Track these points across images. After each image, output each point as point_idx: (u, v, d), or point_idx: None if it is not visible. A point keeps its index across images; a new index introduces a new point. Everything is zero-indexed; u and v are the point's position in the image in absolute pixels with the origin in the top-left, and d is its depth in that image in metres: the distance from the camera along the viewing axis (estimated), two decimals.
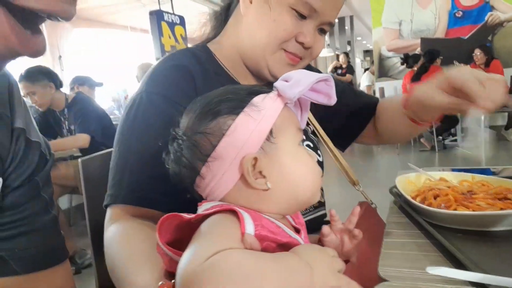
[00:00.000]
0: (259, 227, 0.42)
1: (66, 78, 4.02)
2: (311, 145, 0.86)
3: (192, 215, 0.44)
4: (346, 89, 1.01)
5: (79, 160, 0.88)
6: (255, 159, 0.46)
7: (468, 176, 0.80)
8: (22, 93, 2.56)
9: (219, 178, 0.47)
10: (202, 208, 0.47)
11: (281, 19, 0.73)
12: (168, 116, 0.62)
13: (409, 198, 0.68)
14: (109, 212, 0.67)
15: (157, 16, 4.64)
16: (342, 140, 1.04)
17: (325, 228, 0.55)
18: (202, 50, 0.82)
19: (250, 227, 0.41)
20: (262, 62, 0.77)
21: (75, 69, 4.70)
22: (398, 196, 0.76)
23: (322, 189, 0.93)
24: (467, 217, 0.58)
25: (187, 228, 0.44)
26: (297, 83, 0.48)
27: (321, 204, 0.91)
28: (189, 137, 0.48)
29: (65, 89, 2.98)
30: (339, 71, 7.57)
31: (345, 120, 1.00)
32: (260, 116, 0.47)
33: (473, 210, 0.61)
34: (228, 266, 0.35)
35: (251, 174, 0.46)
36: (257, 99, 0.48)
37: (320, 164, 0.86)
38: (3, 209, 0.51)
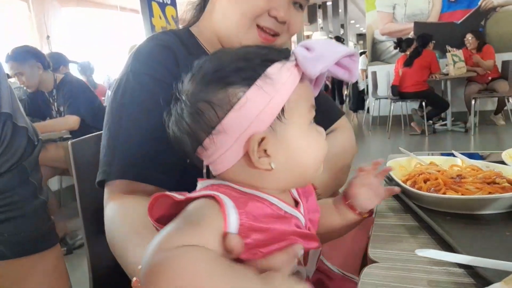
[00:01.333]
0: (244, 216, 0.40)
1: None
2: None
3: (182, 197, 0.42)
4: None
5: (69, 142, 0.87)
6: (263, 138, 0.43)
7: (457, 160, 0.81)
8: (10, 74, 2.52)
9: (221, 153, 0.45)
10: (199, 186, 0.46)
11: None
12: (156, 95, 0.65)
13: (399, 181, 0.69)
14: (106, 190, 0.66)
15: None
16: None
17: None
18: (185, 32, 0.82)
19: (234, 221, 0.39)
20: (236, 41, 0.76)
21: (64, 50, 4.59)
22: (389, 180, 0.77)
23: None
24: (456, 201, 0.59)
25: (180, 206, 0.42)
26: (321, 57, 0.44)
27: None
28: (193, 103, 0.45)
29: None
30: None
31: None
32: (274, 91, 0.43)
33: (462, 194, 0.62)
34: (185, 265, 0.33)
35: (256, 153, 0.43)
36: (272, 70, 0.44)
37: None
38: None
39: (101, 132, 0.79)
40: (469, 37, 5.16)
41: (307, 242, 0.48)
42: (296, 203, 0.51)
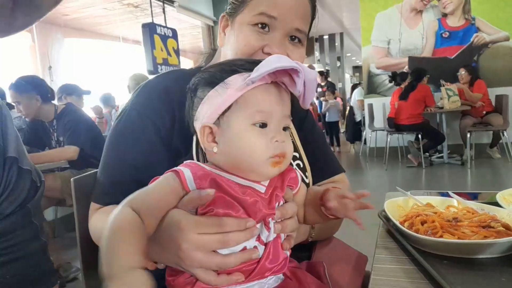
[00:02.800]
0: (198, 180, 0.56)
1: (56, 89, 3.99)
2: (301, 165, 0.87)
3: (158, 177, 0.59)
4: (322, 145, 0.99)
5: (72, 179, 0.88)
6: (209, 127, 0.58)
7: (454, 201, 0.83)
8: (10, 101, 2.54)
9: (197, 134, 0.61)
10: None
11: (242, 36, 0.76)
12: (140, 131, 0.75)
13: (397, 223, 0.70)
14: (90, 207, 0.78)
15: (149, 29, 4.67)
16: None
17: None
18: (195, 72, 0.85)
19: (188, 174, 0.56)
20: None
21: (66, 80, 4.67)
22: (386, 220, 0.78)
23: None
24: (453, 245, 0.60)
25: None
26: (261, 66, 0.54)
27: None
28: (190, 96, 0.63)
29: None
30: (319, 89, 7.74)
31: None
32: (225, 94, 0.57)
33: (459, 238, 0.63)
34: (114, 219, 0.52)
35: (206, 138, 0.59)
36: (231, 78, 0.58)
37: (308, 185, 0.86)
38: None
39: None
40: (462, 71, 5.29)
41: (265, 207, 0.58)
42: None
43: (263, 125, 0.57)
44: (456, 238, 0.63)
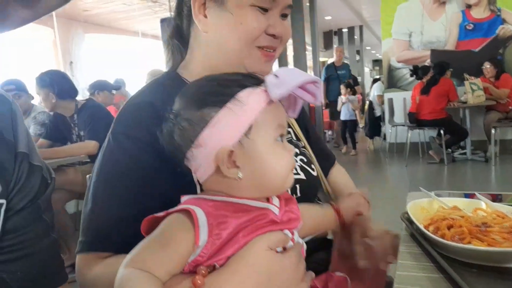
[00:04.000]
0: (213, 227, 0.48)
1: (77, 84, 4.08)
2: (305, 160, 0.86)
3: (162, 213, 0.51)
4: (319, 139, 1.05)
5: (87, 176, 0.88)
6: (231, 151, 0.50)
7: (481, 203, 0.79)
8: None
9: (200, 163, 0.52)
10: (182, 201, 0.53)
11: (247, 20, 0.72)
12: (133, 154, 0.66)
13: (421, 227, 0.67)
14: (78, 258, 0.66)
15: (168, 23, 4.67)
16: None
17: None
18: (171, 78, 0.80)
19: (204, 233, 0.47)
20: (240, 67, 0.75)
21: (87, 75, 4.75)
22: (409, 223, 0.75)
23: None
24: (483, 253, 0.57)
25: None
26: (283, 83, 0.50)
27: None
28: (178, 121, 0.53)
29: (81, 95, 3.01)
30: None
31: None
32: (242, 112, 0.50)
33: (488, 244, 0.59)
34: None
35: (225, 164, 0.51)
36: (242, 94, 0.51)
37: (314, 178, 0.86)
38: (5, 232, 0.52)
39: None
40: (487, 65, 5.12)
41: (283, 226, 0.55)
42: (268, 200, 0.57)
43: (281, 139, 0.55)
44: (486, 245, 0.60)
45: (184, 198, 0.54)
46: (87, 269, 0.64)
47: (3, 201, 0.51)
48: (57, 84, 2.60)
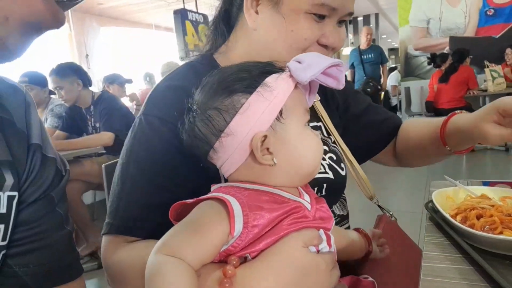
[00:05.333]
0: (248, 218, 0.45)
1: (92, 77, 4.12)
2: (334, 158, 0.81)
3: (192, 200, 0.49)
4: (370, 108, 0.96)
5: (103, 165, 0.88)
6: (265, 136, 0.49)
7: (509, 191, 0.75)
8: (51, 88, 2.66)
9: (231, 152, 0.50)
10: (212, 190, 0.52)
11: (300, 28, 0.67)
12: (165, 139, 0.65)
13: (449, 217, 0.64)
14: (105, 240, 0.66)
15: (181, 15, 4.67)
16: (358, 157, 0.93)
17: None
18: (206, 62, 0.77)
19: (239, 224, 0.45)
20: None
21: (102, 68, 4.79)
22: (434, 212, 0.72)
23: (345, 201, 0.89)
24: None
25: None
26: (310, 66, 0.50)
27: (344, 217, 0.87)
28: (203, 111, 0.51)
29: (94, 88, 3.03)
30: None
31: (366, 138, 0.94)
32: (272, 97, 0.49)
33: None
34: (164, 276, 0.42)
35: (260, 150, 0.49)
36: (270, 79, 0.50)
37: (342, 178, 0.81)
38: (18, 224, 0.51)
39: None
40: (509, 51, 4.95)
41: (317, 224, 0.52)
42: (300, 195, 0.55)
43: (308, 124, 0.54)
44: None
45: (214, 187, 0.52)
46: (112, 252, 0.64)
47: (15, 193, 0.49)
48: (80, 72, 2.66)
